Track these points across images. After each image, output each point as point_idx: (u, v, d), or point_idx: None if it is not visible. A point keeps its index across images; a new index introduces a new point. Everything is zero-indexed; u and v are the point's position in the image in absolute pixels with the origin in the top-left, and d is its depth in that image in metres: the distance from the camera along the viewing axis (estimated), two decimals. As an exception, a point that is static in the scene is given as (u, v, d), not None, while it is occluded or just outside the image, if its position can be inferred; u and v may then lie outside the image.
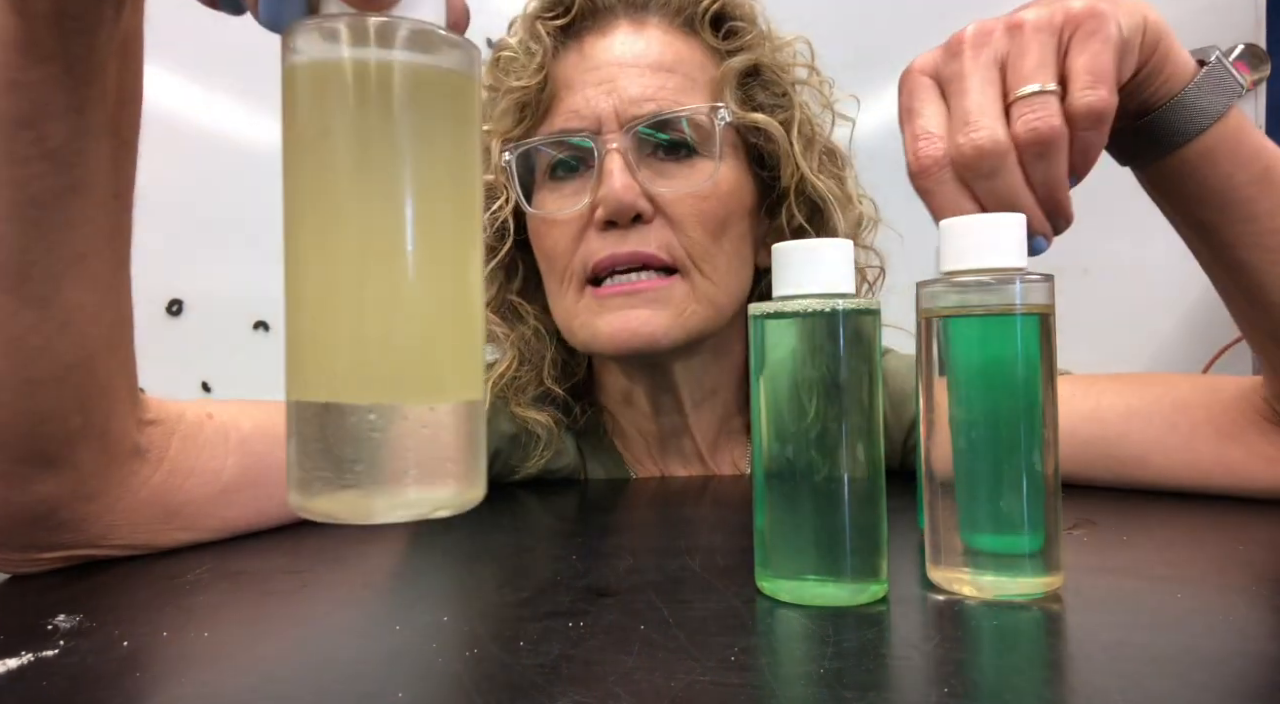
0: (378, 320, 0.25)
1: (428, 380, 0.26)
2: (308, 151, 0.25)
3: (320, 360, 0.25)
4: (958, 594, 0.36)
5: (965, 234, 0.36)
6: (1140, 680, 0.27)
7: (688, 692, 0.26)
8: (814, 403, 0.36)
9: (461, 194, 0.27)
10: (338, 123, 0.25)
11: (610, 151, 0.60)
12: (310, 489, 0.25)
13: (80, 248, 0.37)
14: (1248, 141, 0.45)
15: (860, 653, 0.29)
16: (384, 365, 0.25)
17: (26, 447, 0.38)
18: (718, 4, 0.64)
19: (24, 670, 0.30)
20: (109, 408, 0.41)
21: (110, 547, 0.44)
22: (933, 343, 0.37)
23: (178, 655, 0.31)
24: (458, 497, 0.26)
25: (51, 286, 0.37)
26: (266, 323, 1.22)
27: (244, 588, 0.40)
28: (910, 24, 1.29)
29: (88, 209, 0.37)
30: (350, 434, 0.24)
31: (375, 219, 0.25)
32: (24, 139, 0.34)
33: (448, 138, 0.26)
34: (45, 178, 0.35)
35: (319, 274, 0.25)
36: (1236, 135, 0.45)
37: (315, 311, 0.25)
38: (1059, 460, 0.36)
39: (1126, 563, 0.42)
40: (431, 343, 0.26)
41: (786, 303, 0.36)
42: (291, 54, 0.25)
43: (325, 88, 0.25)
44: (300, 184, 0.26)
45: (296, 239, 0.26)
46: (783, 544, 0.36)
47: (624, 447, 0.73)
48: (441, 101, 0.26)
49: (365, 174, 0.25)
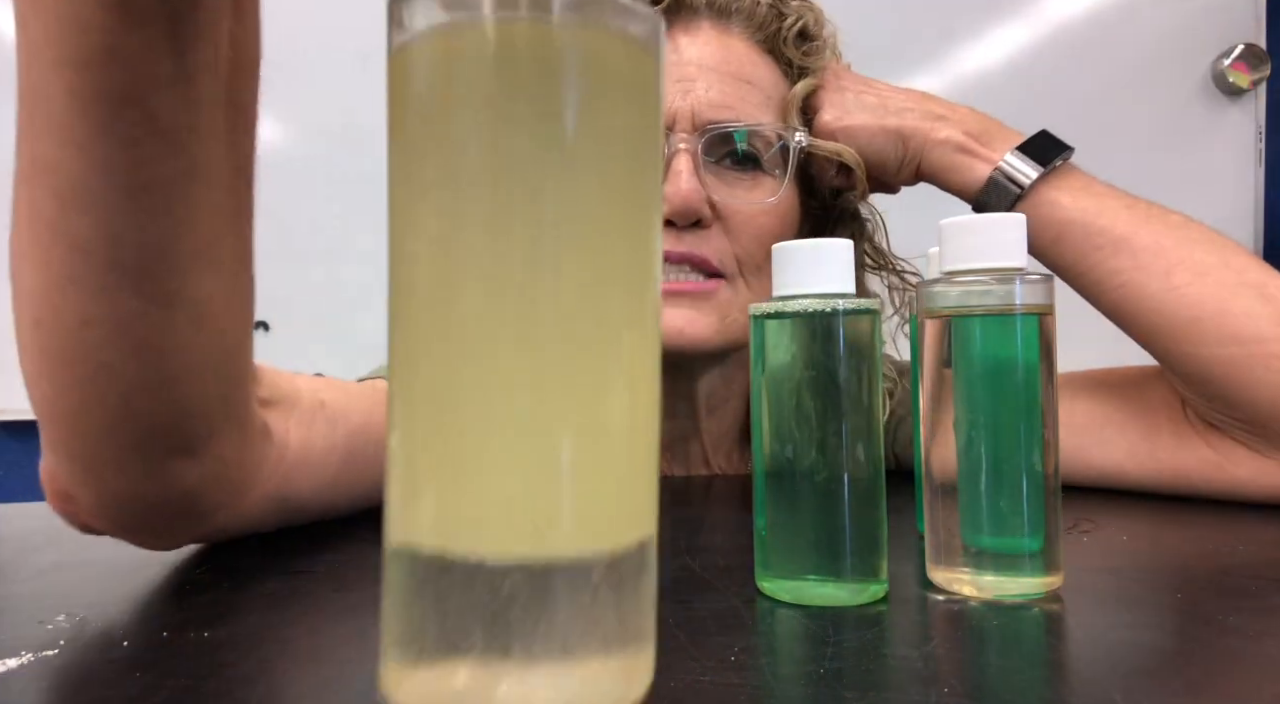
0: (537, 443, 0.18)
1: (598, 521, 0.18)
2: (438, 175, 0.18)
3: (441, 495, 0.18)
4: (958, 594, 0.36)
5: (965, 234, 0.36)
6: (1140, 680, 0.27)
7: (688, 692, 0.26)
8: (814, 403, 0.36)
9: (651, 242, 0.19)
10: (487, 133, 0.17)
11: (680, 152, 0.60)
12: (411, 668, 0.19)
13: (205, 235, 0.33)
14: (1044, 214, 0.57)
15: (860, 653, 0.29)
16: (541, 509, 0.18)
17: (169, 441, 0.36)
18: (801, 23, 0.65)
19: (24, 670, 0.30)
20: (246, 395, 0.39)
21: (235, 531, 0.44)
22: (932, 343, 0.37)
23: (178, 655, 0.31)
24: (617, 688, 0.19)
25: (178, 281, 0.32)
26: (266, 323, 1.22)
27: (244, 588, 0.40)
28: (893, 33, 1.30)
29: (209, 191, 0.32)
30: (479, 601, 0.18)
31: (540, 296, 0.17)
32: (130, 117, 0.29)
33: (630, 133, 0.19)
34: (160, 161, 0.30)
35: (458, 378, 0.17)
36: (1032, 210, 0.57)
37: (449, 428, 0.18)
38: (1059, 460, 0.36)
39: (1126, 563, 0.42)
40: (603, 466, 0.18)
41: (786, 303, 0.36)
42: (400, 31, 0.18)
43: (460, 72, 0.17)
44: (419, 216, 0.18)
45: (417, 321, 0.18)
46: (783, 544, 0.36)
47: None
48: (622, 85, 0.19)
49: (539, 217, 0.17)
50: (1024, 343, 0.36)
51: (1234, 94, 1.32)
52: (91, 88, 0.28)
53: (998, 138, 0.59)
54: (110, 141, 0.29)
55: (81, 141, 0.29)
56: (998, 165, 0.58)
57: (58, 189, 0.30)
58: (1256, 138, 1.34)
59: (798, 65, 0.66)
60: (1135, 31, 1.31)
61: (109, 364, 0.33)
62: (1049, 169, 0.57)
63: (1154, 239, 0.54)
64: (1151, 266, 0.53)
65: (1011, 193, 0.57)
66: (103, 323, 0.32)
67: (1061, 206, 0.56)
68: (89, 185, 0.30)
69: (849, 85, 0.64)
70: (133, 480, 0.37)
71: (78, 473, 0.37)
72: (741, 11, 0.65)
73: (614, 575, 0.19)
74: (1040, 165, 0.57)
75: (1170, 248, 0.54)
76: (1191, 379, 0.54)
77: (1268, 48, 1.30)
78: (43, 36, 0.28)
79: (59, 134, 0.29)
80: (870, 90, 0.64)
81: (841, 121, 0.62)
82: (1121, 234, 0.55)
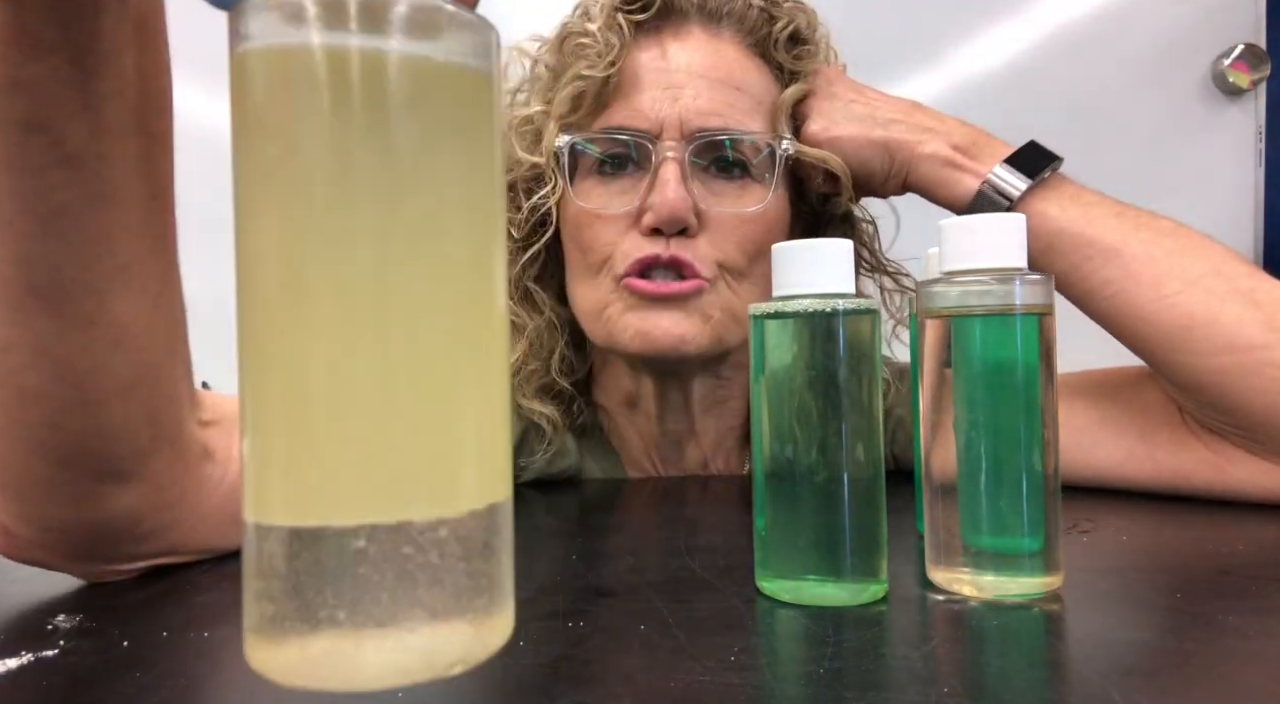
0: (373, 406, 0.19)
1: (440, 486, 0.20)
2: (268, 173, 0.19)
3: (289, 469, 0.19)
4: (958, 594, 0.36)
5: (965, 234, 0.36)
6: (1140, 680, 0.27)
7: (688, 692, 0.26)
8: (814, 403, 0.36)
9: (477, 226, 0.21)
10: (310, 136, 0.18)
11: (668, 160, 0.60)
12: (273, 641, 0.19)
13: (121, 258, 0.33)
14: (1034, 225, 0.55)
15: (860, 653, 0.29)
16: (380, 471, 0.19)
17: (98, 465, 0.37)
18: (792, 26, 0.65)
19: (24, 670, 0.30)
20: (177, 415, 0.39)
21: (188, 552, 0.43)
22: (932, 343, 0.37)
23: (178, 655, 0.31)
24: (480, 641, 0.20)
25: (95, 303, 0.33)
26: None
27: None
28: (892, 33, 1.30)
29: (123, 215, 0.33)
30: (330, 567, 0.19)
31: (364, 269, 0.19)
32: (36, 145, 0.30)
33: (462, 154, 0.20)
34: (68, 186, 0.31)
35: (287, 347, 0.19)
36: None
37: (283, 399, 0.19)
38: (1059, 461, 0.36)
39: (1126, 563, 0.42)
40: (446, 432, 0.20)
41: (786, 303, 0.36)
42: (241, 40, 0.19)
43: (292, 90, 0.19)
44: (260, 219, 0.19)
45: (255, 298, 0.19)
46: (783, 544, 0.36)
47: (620, 448, 0.73)
48: (453, 107, 0.20)
49: (355, 206, 0.18)
50: (1024, 343, 0.36)
51: (1234, 94, 1.32)
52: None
53: (986, 150, 0.59)
54: (18, 169, 0.30)
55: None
56: (986, 178, 0.57)
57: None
58: (1256, 138, 1.34)
59: (789, 69, 0.65)
60: (1135, 31, 1.31)
61: (31, 388, 0.34)
62: (1037, 180, 0.56)
63: (1144, 248, 0.54)
64: (1142, 276, 0.54)
65: (1000, 205, 0.56)
66: (21, 346, 0.33)
67: (1050, 217, 0.56)
68: (0, 211, 0.31)
69: (840, 92, 0.64)
70: (65, 506, 0.37)
71: (12, 504, 0.37)
72: (732, 15, 0.64)
73: (463, 537, 0.20)
74: (1029, 177, 0.56)
75: (1160, 257, 0.54)
76: (1185, 387, 0.54)
77: (1268, 48, 1.30)
78: None
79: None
80: (861, 99, 0.64)
81: (829, 132, 0.62)
82: (1111, 244, 0.55)
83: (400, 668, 0.19)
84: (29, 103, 0.29)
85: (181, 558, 0.43)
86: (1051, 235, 0.56)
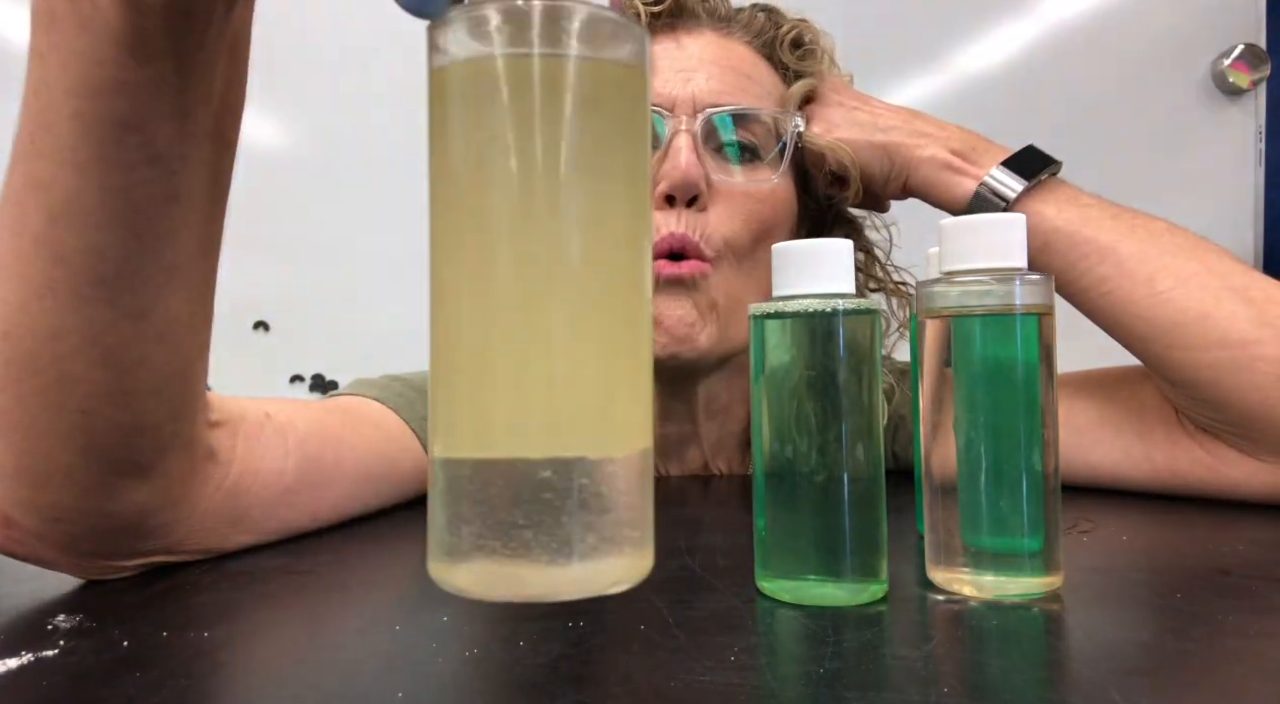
0: (559, 357, 0.22)
1: (612, 427, 0.23)
2: (476, 161, 0.22)
3: (484, 408, 0.22)
4: (958, 594, 0.36)
5: (965, 234, 0.36)
6: (1139, 680, 0.27)
7: (688, 692, 0.26)
8: (814, 402, 0.36)
9: (638, 210, 0.24)
10: (499, 136, 0.22)
11: (681, 132, 0.62)
12: (460, 559, 0.22)
13: (178, 257, 0.36)
14: (1030, 225, 0.52)
15: (860, 653, 0.29)
16: (564, 410, 0.22)
17: (122, 457, 0.38)
18: (795, 32, 0.68)
19: (24, 670, 0.30)
20: (195, 414, 0.41)
21: (185, 552, 0.44)
22: (932, 343, 0.37)
23: (178, 655, 0.31)
24: (634, 567, 0.23)
25: (150, 298, 0.35)
26: (266, 323, 1.22)
27: (244, 588, 0.40)
28: (892, 33, 1.30)
29: (188, 217, 0.35)
30: (517, 494, 0.21)
31: (552, 245, 0.22)
32: (130, 143, 0.32)
33: (627, 144, 0.23)
34: (150, 184, 0.33)
35: (483, 308, 0.22)
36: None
37: (478, 352, 0.22)
38: (1059, 461, 0.36)
39: (1126, 563, 0.42)
40: (615, 380, 0.23)
41: (786, 303, 0.36)
42: (438, 54, 0.22)
43: (486, 96, 0.22)
44: (458, 205, 0.23)
45: (451, 270, 0.23)
46: (783, 544, 0.36)
47: None
48: (619, 103, 0.23)
49: (539, 190, 0.22)
50: (1024, 343, 0.36)
51: (1234, 94, 1.32)
52: (98, 115, 0.31)
53: (984, 154, 0.60)
54: (109, 164, 0.32)
55: (81, 163, 0.32)
56: (983, 180, 0.58)
57: (50, 205, 0.32)
58: (1256, 138, 1.33)
59: (794, 70, 0.68)
60: (1135, 31, 1.31)
61: (74, 375, 0.35)
62: (1034, 182, 0.57)
63: (1138, 247, 0.55)
64: (1136, 273, 0.54)
65: (997, 207, 0.57)
66: (74, 333, 0.34)
67: (1047, 218, 0.57)
68: (82, 203, 0.32)
69: (845, 100, 0.66)
70: (79, 497, 0.37)
71: (23, 492, 0.37)
72: (740, 20, 0.69)
73: (624, 474, 0.23)
74: (1025, 179, 0.57)
75: (1154, 255, 0.54)
76: (1179, 383, 0.54)
77: (1268, 48, 1.30)
78: (58, 67, 0.30)
79: (60, 155, 0.32)
80: (864, 107, 0.65)
81: (831, 135, 0.64)
82: (1106, 242, 0.55)
83: (574, 582, 0.22)
84: (130, 104, 0.31)
85: (178, 557, 0.44)
86: (1047, 234, 0.57)
